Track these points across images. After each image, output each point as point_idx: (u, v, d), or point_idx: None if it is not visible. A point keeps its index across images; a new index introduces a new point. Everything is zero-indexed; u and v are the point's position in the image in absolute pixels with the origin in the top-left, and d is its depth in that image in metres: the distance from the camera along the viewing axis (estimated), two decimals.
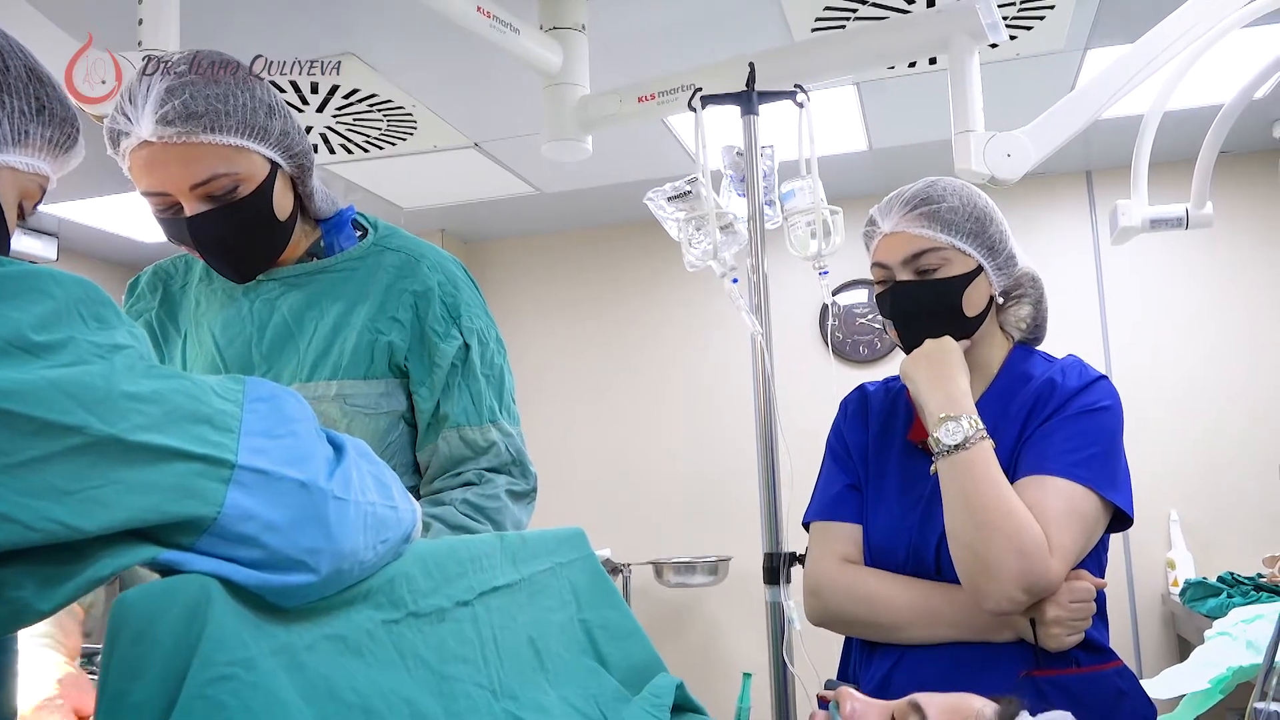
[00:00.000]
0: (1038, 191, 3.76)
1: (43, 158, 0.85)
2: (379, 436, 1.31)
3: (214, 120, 1.13)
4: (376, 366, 1.29)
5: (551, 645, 0.97)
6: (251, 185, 1.19)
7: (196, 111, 1.12)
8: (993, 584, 1.17)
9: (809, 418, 2.27)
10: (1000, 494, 1.20)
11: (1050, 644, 1.21)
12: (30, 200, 0.87)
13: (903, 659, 1.30)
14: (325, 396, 1.28)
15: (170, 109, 1.11)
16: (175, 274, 1.39)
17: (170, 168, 1.14)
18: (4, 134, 0.81)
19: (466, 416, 1.32)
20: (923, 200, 1.35)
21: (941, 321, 1.34)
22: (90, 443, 0.58)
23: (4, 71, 0.80)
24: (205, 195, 1.17)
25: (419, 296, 1.32)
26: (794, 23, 2.47)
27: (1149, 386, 3.59)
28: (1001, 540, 1.17)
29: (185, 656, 0.59)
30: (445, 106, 2.94)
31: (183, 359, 1.33)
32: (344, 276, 1.33)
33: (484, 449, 1.33)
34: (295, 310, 1.31)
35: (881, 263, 1.38)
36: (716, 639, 4.03)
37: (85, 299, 0.63)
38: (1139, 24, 1.84)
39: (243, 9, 2.29)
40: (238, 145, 1.16)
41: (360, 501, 0.73)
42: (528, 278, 4.48)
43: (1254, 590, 2.85)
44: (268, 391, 0.71)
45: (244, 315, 1.31)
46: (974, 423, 1.24)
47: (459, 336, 1.33)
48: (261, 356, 1.29)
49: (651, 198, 1.68)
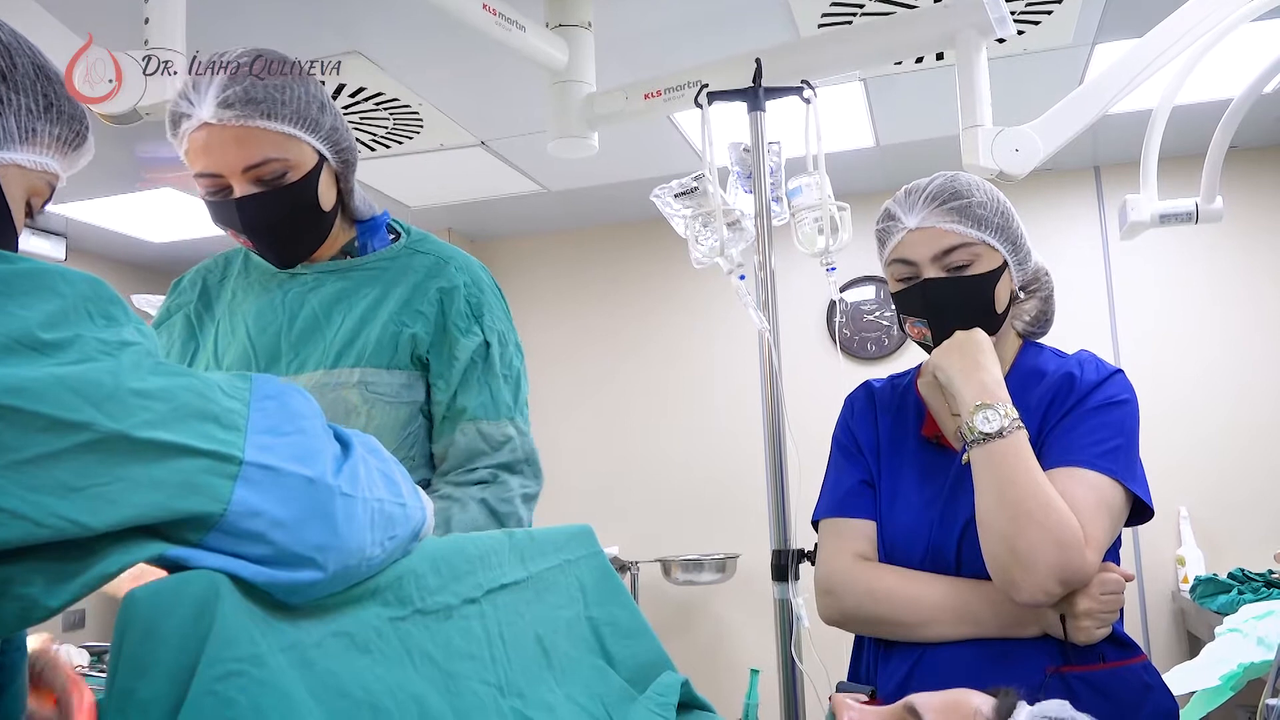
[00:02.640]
0: (1046, 187, 3.75)
1: (51, 155, 0.85)
2: (399, 425, 1.33)
3: (271, 108, 1.22)
4: (399, 357, 1.34)
5: (559, 643, 0.97)
6: (300, 173, 1.27)
7: (255, 98, 1.21)
8: (1028, 575, 1.16)
9: (816, 414, 2.26)
10: (1037, 483, 1.19)
11: (1080, 637, 1.20)
12: (39, 198, 0.87)
13: (923, 658, 1.28)
14: (348, 383, 1.32)
15: (231, 94, 1.20)
16: (214, 270, 1.47)
17: (226, 149, 1.22)
18: (10, 131, 0.81)
19: (485, 410, 1.36)
20: (952, 195, 1.33)
21: (975, 318, 1.34)
22: (98, 439, 0.58)
23: (11, 69, 0.80)
24: (256, 178, 1.25)
25: (444, 293, 1.37)
26: (800, 18, 2.46)
27: (1159, 382, 3.57)
28: (1038, 531, 1.16)
29: (194, 653, 0.59)
30: (451, 105, 2.94)
31: (215, 346, 1.38)
32: (375, 274, 1.38)
33: (500, 444, 1.36)
34: (325, 302, 1.36)
35: (906, 259, 1.35)
36: (724, 636, 4.02)
37: (94, 296, 0.63)
38: (1147, 18, 1.83)
39: (249, 8, 2.29)
40: (290, 133, 1.24)
41: (368, 498, 0.73)
42: (534, 275, 4.48)
43: (1265, 587, 2.84)
44: (275, 389, 0.71)
45: (276, 306, 1.37)
46: (1009, 411, 1.23)
47: (480, 334, 1.37)
48: (290, 345, 1.34)
49: (658, 195, 1.67)
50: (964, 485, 1.30)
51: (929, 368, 1.40)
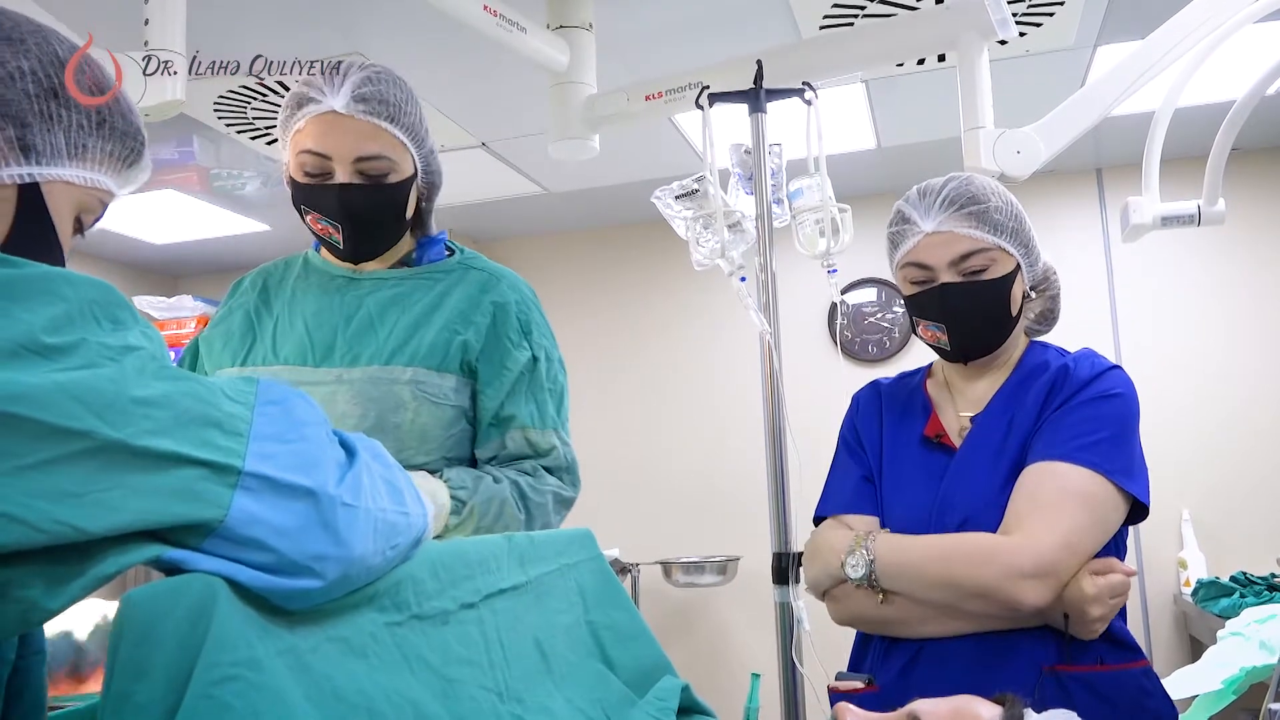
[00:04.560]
0: (1047, 189, 3.74)
1: (103, 172, 0.85)
2: (444, 425, 1.38)
3: (395, 114, 1.36)
4: (450, 362, 1.39)
5: (558, 647, 0.97)
6: (399, 176, 1.39)
7: (388, 100, 1.35)
8: (1002, 588, 1.17)
9: (817, 416, 2.26)
10: (926, 545, 1.25)
11: (1082, 631, 1.21)
12: (90, 215, 0.86)
13: (922, 652, 1.29)
14: (400, 380, 1.36)
15: (367, 91, 1.34)
16: (275, 272, 1.54)
17: (346, 136, 1.34)
18: (59, 147, 0.80)
19: (532, 419, 1.43)
20: (970, 199, 1.34)
21: (993, 323, 1.35)
22: (97, 447, 0.58)
23: (62, 85, 0.80)
24: (362, 170, 1.36)
25: (498, 307, 1.44)
26: (802, 20, 2.46)
27: (1160, 385, 3.56)
28: (960, 562, 1.21)
29: (190, 656, 0.59)
30: (452, 106, 2.94)
31: (273, 338, 1.43)
32: (429, 283, 1.46)
33: (545, 451, 1.44)
34: (380, 304, 1.43)
35: (922, 263, 1.36)
36: (725, 639, 4.02)
37: (100, 300, 0.63)
38: (1150, 20, 1.82)
39: (248, 10, 2.29)
40: (403, 140, 1.37)
41: (370, 508, 0.72)
42: (535, 277, 4.43)
43: (1267, 590, 2.83)
44: (279, 394, 0.71)
45: (334, 306, 1.44)
46: (858, 540, 1.29)
47: (529, 349, 1.44)
48: (345, 340, 1.40)
49: (659, 196, 1.67)
50: (960, 483, 1.31)
51: (939, 367, 1.43)
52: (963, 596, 1.21)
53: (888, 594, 1.27)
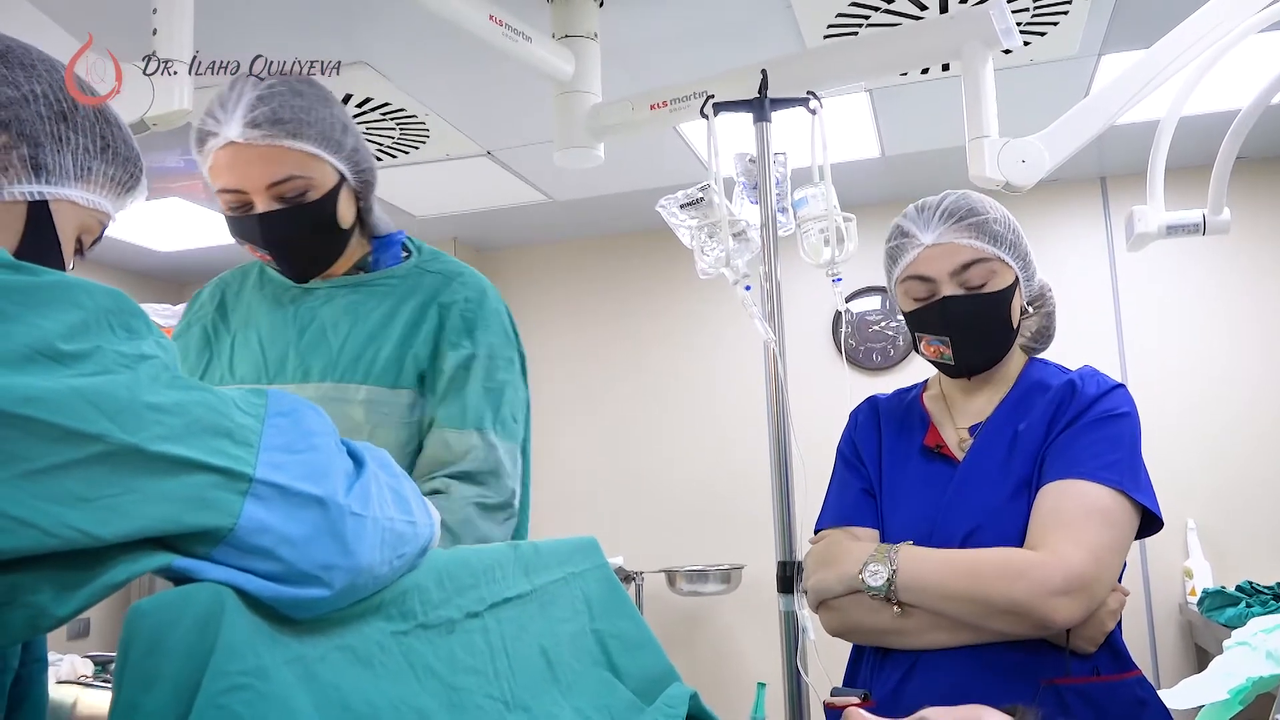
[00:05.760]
0: (1052, 198, 3.74)
1: (104, 195, 0.89)
2: (399, 446, 1.34)
3: (296, 128, 1.26)
4: (405, 377, 1.35)
5: (564, 656, 0.97)
6: (320, 191, 1.31)
7: (282, 118, 1.25)
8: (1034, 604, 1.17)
9: (822, 425, 2.25)
10: (951, 559, 1.23)
11: (1083, 645, 1.21)
12: (89, 235, 0.90)
13: (916, 666, 1.29)
14: (354, 399, 1.33)
15: (259, 114, 1.25)
16: (232, 283, 1.50)
17: (251, 167, 1.26)
18: (66, 169, 0.84)
19: (450, 419, 1.35)
20: (969, 211, 1.35)
21: (995, 335, 1.35)
22: (110, 451, 0.58)
23: (73, 109, 0.85)
24: (278, 195, 1.28)
25: (444, 308, 1.39)
26: (806, 30, 2.46)
27: (1165, 394, 3.56)
28: (990, 578, 1.20)
29: (199, 665, 0.59)
30: (458, 115, 2.95)
31: (230, 357, 1.41)
32: (384, 291, 1.40)
33: (460, 454, 1.33)
34: (333, 315, 1.39)
35: (924, 275, 1.36)
36: (730, 648, 4.01)
37: (115, 309, 0.64)
38: (1154, 29, 1.83)
39: (255, 19, 2.30)
40: (313, 153, 1.28)
41: (378, 518, 0.73)
42: (540, 286, 4.48)
43: (1273, 599, 2.82)
44: (289, 405, 0.71)
45: (288, 319, 1.40)
46: (881, 550, 1.27)
47: (469, 347, 1.38)
48: (297, 353, 1.37)
49: (664, 205, 1.67)
50: (965, 494, 1.31)
51: (936, 382, 1.44)
52: (989, 613, 1.20)
53: (904, 606, 1.26)
